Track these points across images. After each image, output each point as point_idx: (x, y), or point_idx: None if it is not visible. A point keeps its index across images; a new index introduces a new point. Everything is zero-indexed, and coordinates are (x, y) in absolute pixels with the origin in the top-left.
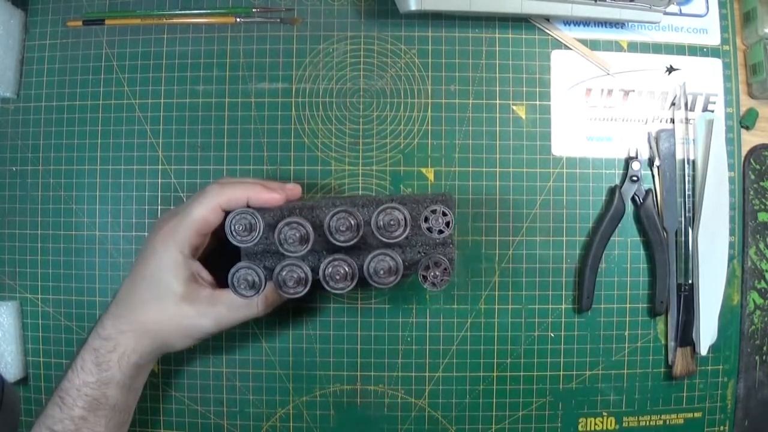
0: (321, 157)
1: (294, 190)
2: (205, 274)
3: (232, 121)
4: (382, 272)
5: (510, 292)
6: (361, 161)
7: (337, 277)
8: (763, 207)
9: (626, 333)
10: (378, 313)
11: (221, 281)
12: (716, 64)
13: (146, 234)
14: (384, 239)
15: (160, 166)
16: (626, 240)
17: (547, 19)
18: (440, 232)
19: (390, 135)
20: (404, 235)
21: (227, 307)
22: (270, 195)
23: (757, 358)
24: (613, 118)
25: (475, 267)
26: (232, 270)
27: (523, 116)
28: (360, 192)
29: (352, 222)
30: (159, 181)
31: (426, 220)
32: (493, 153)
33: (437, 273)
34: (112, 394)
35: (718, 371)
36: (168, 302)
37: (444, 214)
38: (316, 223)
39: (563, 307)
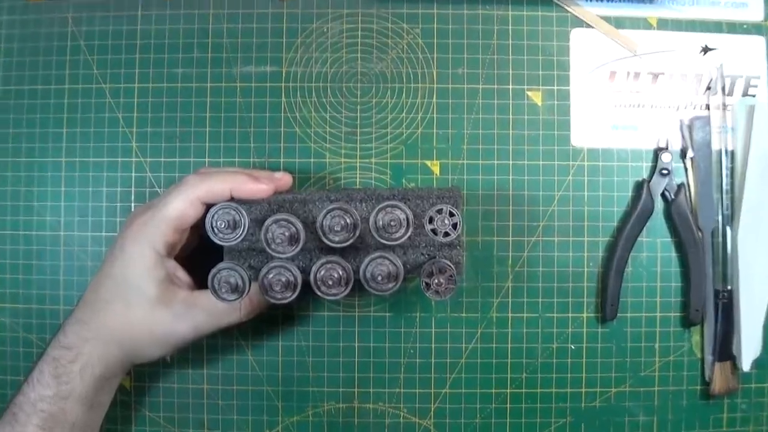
0: (314, 149)
1: (283, 179)
2: (182, 275)
3: (214, 108)
4: (380, 277)
5: (525, 299)
6: (358, 153)
7: (330, 282)
8: None
9: (656, 345)
10: (377, 322)
11: (202, 282)
12: (758, 42)
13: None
14: (383, 241)
15: (134, 159)
16: (655, 241)
17: None
18: (446, 234)
19: (391, 124)
20: (406, 237)
21: (207, 312)
22: (256, 186)
23: None
24: (640, 105)
25: (486, 271)
26: (213, 271)
27: (539, 103)
28: (357, 187)
29: (348, 221)
30: (133, 175)
31: (431, 221)
32: (505, 144)
33: (441, 280)
34: (72, 409)
35: (764, 390)
36: (139, 305)
37: (451, 215)
38: (308, 219)
39: (585, 315)
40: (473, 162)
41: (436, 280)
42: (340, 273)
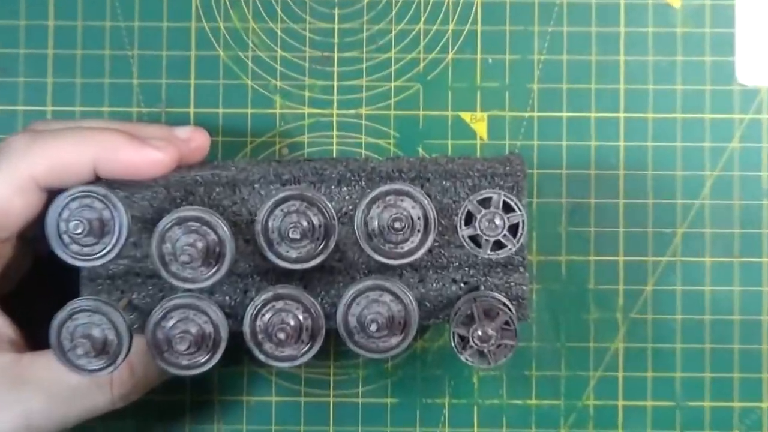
0: (254, 89)
1: (193, 140)
2: (2, 324)
3: (64, 12)
4: (374, 327)
5: (650, 374)
6: (335, 97)
7: (282, 336)
8: None
9: None
10: (372, 416)
11: (40, 337)
12: None
13: None
14: (381, 258)
15: None
16: None
17: None
18: (498, 245)
19: (396, 45)
20: (423, 250)
21: (46, 393)
22: (142, 153)
23: None
24: None
25: (576, 318)
26: (61, 315)
27: (678, 4)
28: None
29: (315, 221)
30: None
31: (470, 219)
32: (612, 81)
33: (490, 332)
34: None
35: None
36: None
37: (507, 209)
38: (240, 218)
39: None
40: (550, 115)
41: (480, 332)
42: (300, 318)
